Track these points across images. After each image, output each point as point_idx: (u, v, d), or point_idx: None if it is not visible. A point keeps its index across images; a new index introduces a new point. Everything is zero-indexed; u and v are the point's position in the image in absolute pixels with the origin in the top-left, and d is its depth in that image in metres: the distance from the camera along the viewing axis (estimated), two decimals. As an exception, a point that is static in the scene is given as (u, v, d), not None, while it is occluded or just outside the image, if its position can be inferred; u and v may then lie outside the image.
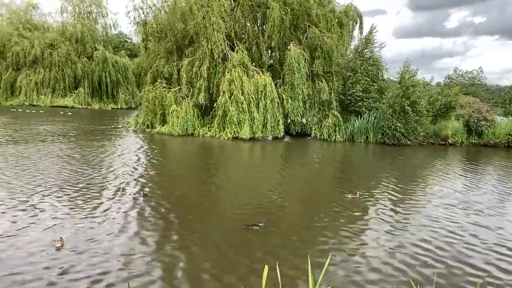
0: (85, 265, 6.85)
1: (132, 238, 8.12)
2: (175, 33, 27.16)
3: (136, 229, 8.64)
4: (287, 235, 8.55)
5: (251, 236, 8.49)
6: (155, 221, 9.18)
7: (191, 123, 24.94)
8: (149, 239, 8.07)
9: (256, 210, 10.28)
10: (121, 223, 8.92)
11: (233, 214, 9.98)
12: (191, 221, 9.32)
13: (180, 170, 15.73)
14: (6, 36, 45.35)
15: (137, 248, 7.66)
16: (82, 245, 7.64)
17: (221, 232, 8.68)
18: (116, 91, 48.39)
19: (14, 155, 16.15)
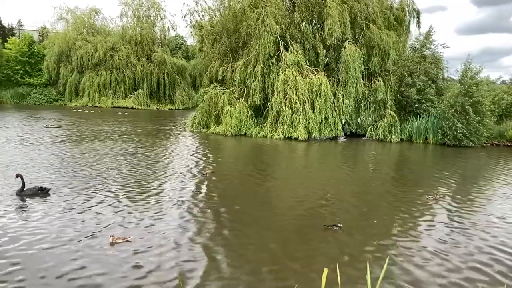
0: (138, 260, 7.07)
1: (186, 236, 8.29)
2: (229, 35, 27.50)
3: (190, 226, 8.82)
4: (349, 237, 8.41)
5: (307, 237, 8.42)
6: (209, 219, 9.32)
7: (244, 124, 25.15)
8: (203, 237, 8.20)
9: (313, 211, 10.18)
10: (177, 220, 9.14)
11: (288, 215, 9.95)
12: (245, 220, 9.38)
13: (234, 169, 15.90)
14: (71, 40, 47.76)
15: (190, 245, 7.82)
16: (137, 239, 7.91)
17: (275, 232, 8.67)
18: (173, 93, 49.68)
19: (87, 152, 17.08)
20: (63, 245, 7.56)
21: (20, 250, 7.30)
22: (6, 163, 14.54)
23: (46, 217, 9.03)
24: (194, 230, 8.60)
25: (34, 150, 17.47)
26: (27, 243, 7.59)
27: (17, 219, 8.88)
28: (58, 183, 11.92)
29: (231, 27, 27.04)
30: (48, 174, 13.16)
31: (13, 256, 7.06)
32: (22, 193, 10.44)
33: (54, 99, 47.42)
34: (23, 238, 7.81)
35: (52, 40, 50.02)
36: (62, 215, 9.17)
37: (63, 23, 50.99)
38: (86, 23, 50.88)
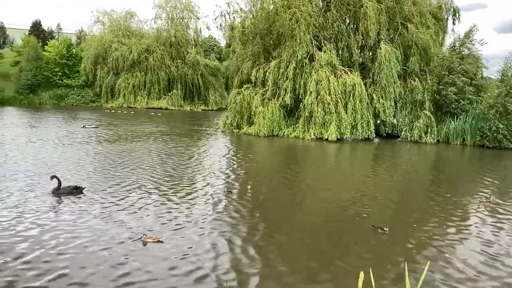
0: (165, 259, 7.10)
1: (217, 235, 8.29)
2: (262, 36, 27.47)
3: (224, 226, 8.81)
4: (387, 240, 8.21)
5: (341, 239, 8.27)
6: (243, 220, 9.28)
7: (276, 124, 25.03)
8: (234, 237, 8.16)
9: (347, 213, 10.00)
10: (211, 220, 9.15)
11: (321, 216, 9.81)
12: (278, 222, 9.29)
13: (267, 170, 15.86)
14: (107, 43, 48.91)
15: (220, 244, 7.80)
16: (170, 239, 7.96)
17: (308, 234, 8.55)
18: (206, 93, 50.12)
19: (122, 152, 17.46)
20: (95, 243, 7.68)
21: (52, 247, 7.46)
22: (44, 162, 14.97)
23: (78, 215, 9.22)
24: (227, 230, 8.58)
25: (72, 149, 17.93)
26: (60, 241, 7.75)
27: (51, 217, 9.09)
28: (93, 182, 12.18)
29: (263, 28, 26.99)
30: (83, 173, 13.46)
31: (45, 254, 7.22)
32: (58, 191, 10.70)
33: (91, 100, 48.65)
34: (56, 236, 7.99)
35: (89, 43, 51.40)
36: (95, 213, 9.36)
37: (99, 26, 52.39)
38: (122, 25, 52.01)
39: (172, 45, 49.80)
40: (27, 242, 7.60)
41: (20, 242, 7.60)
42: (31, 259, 6.93)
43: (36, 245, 7.47)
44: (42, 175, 12.54)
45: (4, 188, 11.03)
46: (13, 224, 8.45)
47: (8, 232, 8.04)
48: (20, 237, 7.84)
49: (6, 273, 6.42)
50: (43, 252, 7.23)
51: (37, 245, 7.49)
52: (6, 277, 6.31)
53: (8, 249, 7.27)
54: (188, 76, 48.89)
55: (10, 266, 6.64)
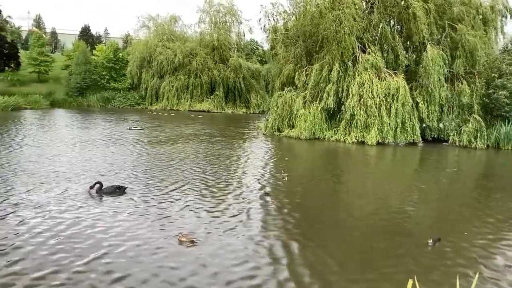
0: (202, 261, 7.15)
1: (257, 239, 8.28)
2: (305, 38, 27.33)
3: (264, 230, 8.80)
4: (436, 249, 7.95)
5: (385, 246, 8.06)
6: (284, 225, 9.23)
7: (318, 127, 24.79)
8: (276, 244, 8.12)
9: (392, 220, 9.74)
10: (251, 223, 9.17)
11: (365, 222, 9.61)
12: (319, 227, 9.19)
13: (308, 173, 15.75)
14: (152, 47, 50.02)
15: (258, 249, 7.79)
16: (203, 238, 8.04)
17: (351, 241, 8.40)
18: (248, 96, 50.31)
19: (164, 153, 17.87)
20: (133, 240, 7.95)
21: (94, 245, 7.72)
22: (90, 162, 15.51)
23: (119, 214, 9.55)
24: (265, 235, 8.56)
25: (117, 150, 18.49)
26: (100, 238, 8.03)
27: (94, 215, 9.40)
28: (135, 182, 12.52)
29: (306, 30, 26.85)
30: (127, 173, 13.86)
31: (88, 250, 7.49)
32: (101, 191, 11.05)
33: (136, 102, 49.89)
34: (96, 234, 8.27)
35: (135, 47, 52.74)
36: (135, 212, 9.68)
37: (145, 30, 53.59)
38: (166, 30, 53.04)
39: (215, 48, 50.36)
40: (66, 238, 7.97)
41: (60, 238, 7.96)
42: (65, 256, 7.21)
43: (72, 240, 7.82)
44: (88, 175, 12.95)
45: (49, 186, 11.51)
46: (56, 222, 8.82)
47: (51, 231, 8.36)
48: (60, 233, 8.21)
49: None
50: (80, 248, 7.55)
51: (74, 240, 7.84)
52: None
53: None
54: (230, 79, 49.26)
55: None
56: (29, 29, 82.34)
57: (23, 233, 8.14)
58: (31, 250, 7.35)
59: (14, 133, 22.97)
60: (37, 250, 7.38)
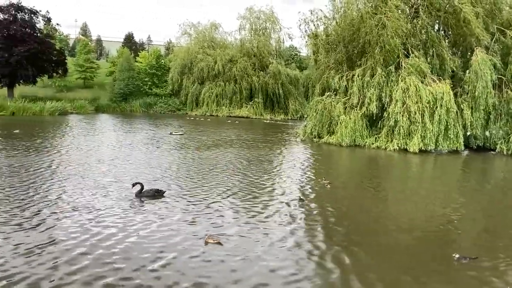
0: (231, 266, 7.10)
1: (292, 245, 8.17)
2: (346, 43, 27.04)
3: (299, 237, 8.69)
4: (479, 269, 7.57)
5: (426, 264, 7.76)
6: (320, 233, 9.06)
7: (359, 134, 24.37)
8: (312, 253, 7.96)
9: (433, 235, 9.35)
10: (285, 229, 9.09)
11: (405, 236, 9.27)
12: (358, 238, 8.96)
13: (348, 181, 15.50)
14: (193, 54, 50.89)
15: (295, 256, 7.68)
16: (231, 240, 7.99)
17: (390, 255, 8.13)
18: (286, 102, 50.27)
19: (204, 158, 18.12)
20: (173, 244, 8.04)
21: (132, 247, 7.86)
22: (132, 165, 15.87)
23: (157, 217, 9.68)
24: (303, 242, 8.44)
25: (158, 154, 18.84)
26: (139, 241, 8.17)
27: (134, 218, 9.60)
28: (175, 186, 12.70)
29: (347, 35, 26.55)
30: (167, 177, 14.09)
31: (123, 250, 7.67)
32: (141, 194, 11.25)
33: (177, 108, 50.80)
34: (135, 236, 8.43)
35: (176, 54, 53.84)
36: (172, 215, 9.82)
37: (186, 37, 54.65)
38: (207, 37, 53.84)
39: (254, 55, 50.68)
40: (107, 240, 8.18)
41: (102, 238, 8.21)
42: (102, 255, 7.41)
43: (111, 243, 8.00)
44: (129, 178, 13.22)
45: (93, 189, 11.85)
46: (96, 223, 9.05)
47: (91, 231, 8.59)
48: (101, 234, 8.44)
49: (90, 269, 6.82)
50: (116, 249, 7.74)
51: (113, 242, 8.03)
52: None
53: (89, 247, 7.79)
54: (269, 85, 49.39)
55: (91, 264, 7.06)
56: (76, 37, 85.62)
57: (67, 237, 8.39)
58: (81, 252, 7.56)
59: (62, 137, 23.88)
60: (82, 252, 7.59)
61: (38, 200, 10.43)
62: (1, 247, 7.47)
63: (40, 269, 6.72)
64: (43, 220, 8.95)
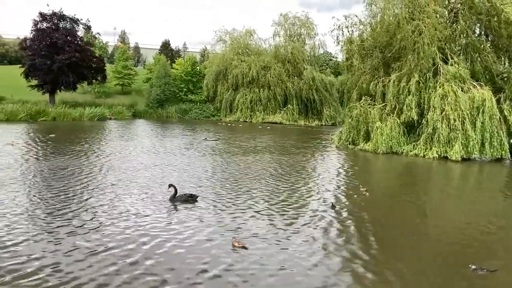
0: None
1: (327, 255, 8.05)
2: (381, 49, 26.63)
3: (333, 246, 8.54)
4: None
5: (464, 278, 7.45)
6: (356, 242, 8.86)
7: (395, 141, 23.85)
8: (347, 262, 7.80)
9: (472, 247, 8.96)
10: (319, 237, 8.98)
11: (444, 248, 8.93)
12: (396, 249, 8.72)
13: (386, 190, 15.18)
14: (228, 60, 51.39)
15: (329, 266, 7.54)
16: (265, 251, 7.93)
17: (430, 268, 7.85)
18: (321, 108, 49.96)
19: (237, 163, 18.17)
20: (206, 247, 8.13)
21: (165, 251, 7.99)
22: (167, 170, 16.11)
23: (190, 221, 9.84)
24: (337, 251, 8.29)
25: (193, 160, 19.05)
26: (173, 244, 8.30)
27: (167, 222, 9.80)
28: (208, 191, 12.84)
29: (383, 40, 26.15)
30: (201, 182, 14.24)
31: (160, 254, 7.79)
32: (174, 199, 11.38)
33: (211, 114, 51.35)
34: (170, 239, 8.56)
35: (212, 60, 54.51)
36: (204, 219, 9.95)
37: (221, 44, 55.25)
38: (242, 43, 54.23)
39: (289, 61, 50.65)
40: (141, 243, 8.33)
41: (135, 242, 8.36)
42: (141, 257, 7.53)
43: (147, 246, 8.15)
44: (164, 183, 13.39)
45: (129, 194, 12.07)
46: (132, 227, 9.25)
47: (125, 234, 8.79)
48: (135, 237, 8.62)
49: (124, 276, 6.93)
50: (153, 252, 7.85)
51: (149, 246, 8.17)
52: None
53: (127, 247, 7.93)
54: (303, 91, 49.21)
55: (127, 269, 7.16)
56: (115, 44, 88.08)
57: (104, 241, 8.57)
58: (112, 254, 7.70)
59: (101, 142, 24.66)
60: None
61: (77, 204, 10.71)
62: (53, 252, 7.70)
63: (89, 272, 6.90)
64: (85, 226, 9.17)
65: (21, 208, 10.25)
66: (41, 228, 8.91)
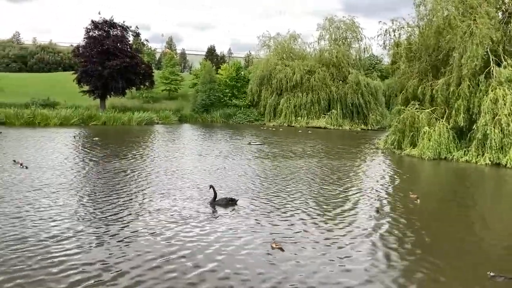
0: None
1: (372, 263, 7.90)
2: (430, 51, 25.91)
3: (380, 253, 8.38)
4: None
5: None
6: (404, 252, 8.61)
7: (444, 147, 23.08)
8: (392, 271, 7.64)
9: None
10: (365, 244, 8.85)
11: (494, 265, 8.53)
12: (445, 261, 8.42)
13: (436, 197, 14.72)
14: (272, 65, 51.53)
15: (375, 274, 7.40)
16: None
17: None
18: (366, 112, 49.15)
19: (279, 168, 18.19)
20: (246, 251, 8.23)
21: (208, 254, 8.09)
22: (210, 174, 16.37)
23: (232, 225, 9.95)
24: (381, 259, 8.11)
25: (236, 164, 19.24)
26: (216, 248, 8.41)
27: (206, 225, 9.93)
28: (250, 194, 12.98)
29: (432, 43, 25.43)
30: (244, 185, 14.45)
31: (201, 257, 7.93)
32: (214, 203, 11.50)
33: (255, 118, 51.62)
34: (212, 243, 8.69)
35: (256, 65, 54.88)
36: (245, 223, 10.04)
37: (265, 49, 55.52)
38: (286, 48, 54.29)
39: (333, 65, 50.22)
40: (183, 245, 8.52)
41: (177, 245, 8.54)
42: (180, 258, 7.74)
43: (189, 247, 8.33)
44: (207, 186, 13.61)
45: (172, 197, 12.38)
46: (173, 230, 9.43)
47: (167, 236, 9.00)
48: (176, 239, 8.82)
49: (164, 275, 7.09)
50: (195, 253, 8.05)
51: (191, 247, 8.37)
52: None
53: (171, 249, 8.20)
54: (348, 95, 48.60)
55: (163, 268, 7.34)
56: (162, 51, 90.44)
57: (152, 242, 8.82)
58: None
59: (149, 145, 25.54)
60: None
61: (125, 207, 11.12)
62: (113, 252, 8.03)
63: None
64: (137, 228, 9.51)
65: (87, 210, 10.73)
66: (101, 232, 9.24)
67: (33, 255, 7.60)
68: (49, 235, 8.65)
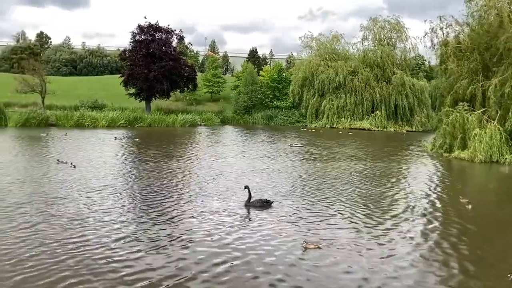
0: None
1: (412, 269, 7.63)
2: (481, 50, 24.83)
3: (419, 260, 8.09)
4: None
5: None
6: (452, 261, 8.23)
7: (496, 149, 22.04)
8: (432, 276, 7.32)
9: None
10: (407, 251, 8.58)
11: None
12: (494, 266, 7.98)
13: (489, 203, 14.05)
14: (314, 66, 51.03)
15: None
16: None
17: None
18: (411, 114, 47.83)
19: (320, 170, 17.92)
20: (282, 253, 8.25)
21: (239, 256, 8.10)
22: (250, 176, 16.40)
23: (267, 226, 9.99)
24: (425, 267, 7.80)
25: (278, 165, 19.20)
26: (249, 247, 8.47)
27: (240, 227, 9.99)
28: (289, 196, 12.98)
29: (483, 42, 24.37)
30: (282, 187, 14.33)
31: (230, 258, 7.96)
32: (249, 204, 11.42)
33: (297, 120, 51.32)
34: (245, 244, 8.70)
35: (298, 67, 54.49)
36: (280, 225, 9.99)
37: (307, 50, 55.13)
38: (328, 49, 53.60)
39: (377, 65, 49.20)
40: (223, 245, 8.65)
41: (215, 243, 8.70)
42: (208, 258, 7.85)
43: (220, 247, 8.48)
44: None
45: (210, 198, 12.50)
46: (209, 229, 9.59)
47: (206, 236, 9.16)
48: (214, 238, 9.02)
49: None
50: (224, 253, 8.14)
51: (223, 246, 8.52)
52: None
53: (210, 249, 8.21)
54: (392, 96, 47.46)
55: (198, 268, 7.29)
56: (205, 53, 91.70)
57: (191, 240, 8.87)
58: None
59: (195, 147, 26.09)
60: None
61: (171, 206, 11.27)
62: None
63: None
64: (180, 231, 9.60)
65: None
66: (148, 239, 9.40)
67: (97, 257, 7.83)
68: (111, 239, 8.86)
